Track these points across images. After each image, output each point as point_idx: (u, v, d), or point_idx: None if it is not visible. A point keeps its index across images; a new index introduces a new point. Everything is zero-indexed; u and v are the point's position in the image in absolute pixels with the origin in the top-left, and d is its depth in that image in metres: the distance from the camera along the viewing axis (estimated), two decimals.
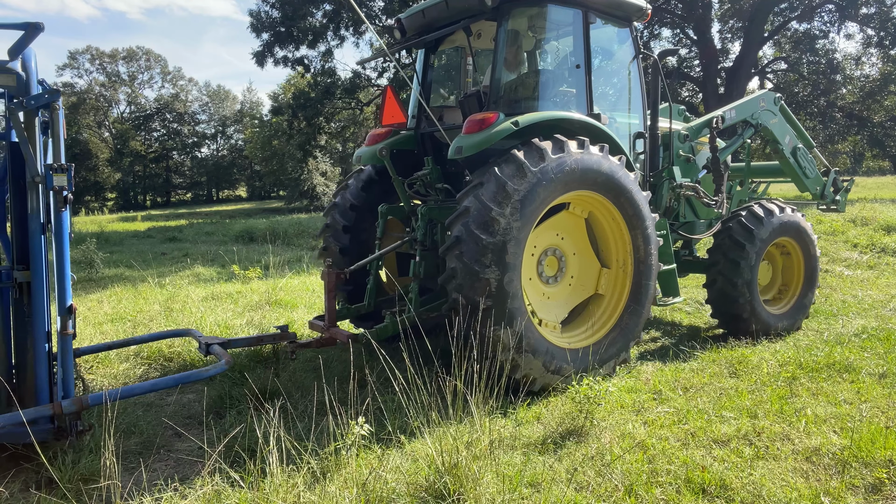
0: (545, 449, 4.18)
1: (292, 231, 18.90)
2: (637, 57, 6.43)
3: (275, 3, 30.03)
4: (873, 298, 8.72)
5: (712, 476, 3.72)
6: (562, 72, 6.25)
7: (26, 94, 3.92)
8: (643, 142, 6.47)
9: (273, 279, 10.92)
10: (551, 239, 5.69)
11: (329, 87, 31.70)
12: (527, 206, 5.00)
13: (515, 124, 5.26)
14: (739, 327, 6.75)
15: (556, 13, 5.93)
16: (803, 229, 7.10)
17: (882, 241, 12.90)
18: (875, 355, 5.97)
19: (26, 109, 3.89)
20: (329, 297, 5.74)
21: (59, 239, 3.98)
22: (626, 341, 5.72)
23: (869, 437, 4.11)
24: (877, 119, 29.98)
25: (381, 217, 6.32)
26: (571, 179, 5.24)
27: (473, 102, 5.87)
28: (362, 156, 6.53)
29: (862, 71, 30.47)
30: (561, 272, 5.74)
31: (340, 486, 3.45)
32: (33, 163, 3.89)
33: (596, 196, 5.51)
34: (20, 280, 4.00)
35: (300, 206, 43.83)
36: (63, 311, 3.97)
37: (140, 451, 4.28)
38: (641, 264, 5.77)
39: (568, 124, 5.59)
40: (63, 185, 3.83)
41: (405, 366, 4.15)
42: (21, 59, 3.97)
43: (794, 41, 30.10)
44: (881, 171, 49.34)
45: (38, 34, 3.86)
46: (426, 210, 5.82)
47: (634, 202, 5.64)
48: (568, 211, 5.71)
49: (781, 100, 8.14)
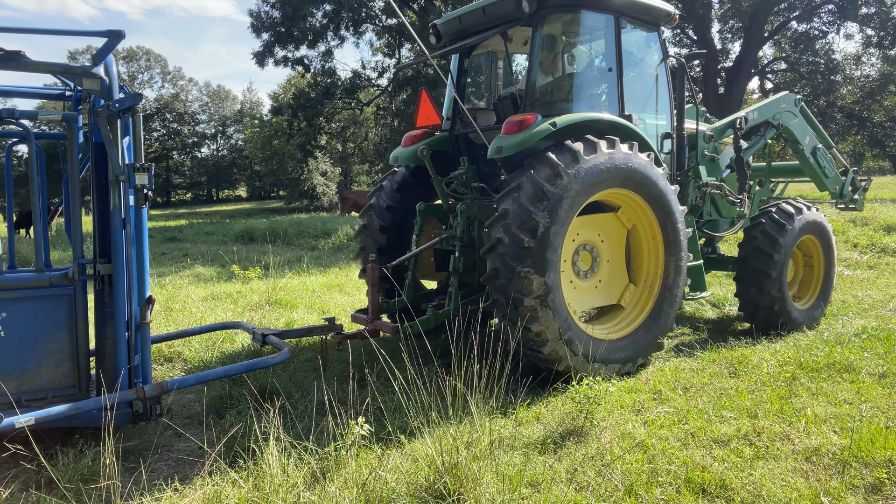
0: (545, 449, 4.18)
1: (292, 231, 18.90)
2: (664, 60, 6.62)
3: (275, 4, 30.06)
4: (873, 298, 8.72)
5: (712, 476, 3.72)
6: (595, 75, 6.41)
7: (109, 97, 4.12)
8: (670, 142, 6.69)
9: (273, 279, 10.92)
10: (592, 236, 5.89)
11: (329, 87, 31.75)
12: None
13: (553, 125, 5.45)
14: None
15: (590, 19, 6.12)
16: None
17: (882, 241, 12.91)
18: (875, 355, 5.97)
19: (111, 112, 4.08)
20: (373, 290, 5.97)
21: (138, 234, 4.24)
22: (636, 353, 5.81)
23: (869, 437, 4.10)
24: (877, 119, 30.01)
25: (419, 215, 6.61)
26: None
27: (508, 104, 6.15)
28: (399, 156, 6.74)
29: (862, 71, 30.51)
30: (592, 271, 5.89)
31: (340, 486, 3.45)
32: (117, 162, 4.09)
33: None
34: (102, 272, 4.19)
35: (300, 206, 43.85)
36: (142, 301, 4.25)
37: (140, 451, 4.28)
38: (667, 290, 5.96)
39: (602, 125, 5.79)
40: (144, 184, 4.06)
41: (405, 366, 4.15)
42: (104, 64, 4.20)
43: (794, 41, 30.11)
44: (881, 171, 49.34)
45: (120, 41, 4.09)
46: (465, 208, 6.06)
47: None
48: (616, 215, 5.93)
49: (801, 101, 8.31)
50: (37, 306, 4.14)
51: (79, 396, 4.24)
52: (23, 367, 4.11)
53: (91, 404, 3.96)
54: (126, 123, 4.27)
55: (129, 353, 4.27)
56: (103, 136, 4.08)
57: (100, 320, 4.33)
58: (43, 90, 5.09)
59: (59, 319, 4.20)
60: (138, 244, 4.24)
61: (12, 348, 4.06)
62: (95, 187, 4.27)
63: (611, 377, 5.50)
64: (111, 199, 4.15)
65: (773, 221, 7.00)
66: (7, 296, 4.05)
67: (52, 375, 4.20)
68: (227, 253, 14.74)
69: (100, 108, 4.08)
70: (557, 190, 5.16)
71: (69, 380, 4.27)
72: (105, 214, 4.22)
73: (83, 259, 4.25)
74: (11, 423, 3.61)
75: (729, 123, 7.61)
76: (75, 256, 4.23)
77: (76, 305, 4.26)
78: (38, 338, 4.15)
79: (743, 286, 7.12)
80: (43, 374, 4.17)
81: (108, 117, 4.09)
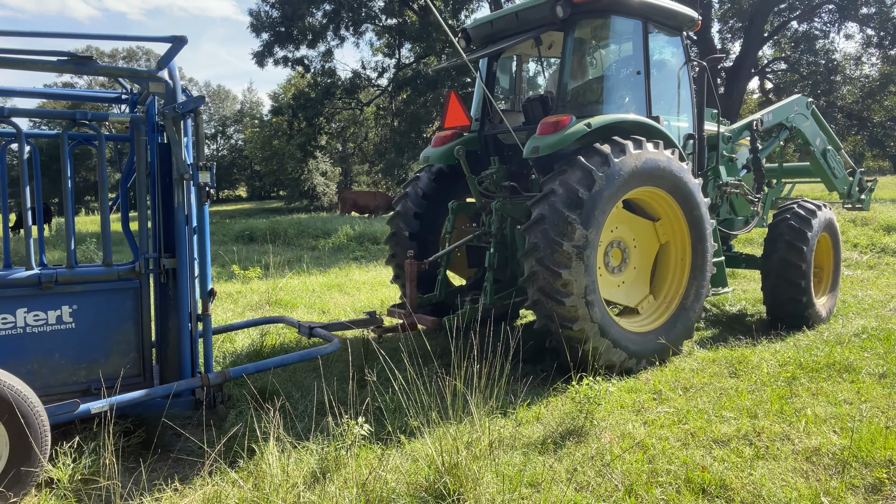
0: (545, 449, 4.17)
1: (292, 231, 18.89)
2: (687, 63, 6.87)
3: (275, 3, 30.06)
4: (873, 298, 8.72)
5: (712, 476, 3.72)
6: (623, 77, 6.55)
7: (174, 100, 4.31)
8: (692, 143, 6.89)
9: (273, 279, 10.92)
10: (627, 237, 6.12)
11: (329, 87, 31.75)
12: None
13: (588, 126, 5.65)
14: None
15: (619, 23, 6.32)
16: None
17: (882, 241, 12.92)
18: (875, 355, 5.97)
19: (176, 114, 4.25)
20: (411, 286, 6.20)
21: (201, 229, 4.44)
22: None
23: (869, 437, 4.10)
24: (877, 119, 30.01)
25: (451, 213, 6.82)
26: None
27: (537, 105, 6.39)
28: (430, 156, 6.96)
29: (862, 71, 30.50)
30: (619, 270, 6.11)
31: (340, 486, 3.45)
32: (182, 162, 4.26)
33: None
34: (167, 267, 4.38)
35: (300, 206, 43.80)
36: (204, 294, 4.50)
37: (140, 451, 4.28)
38: (683, 309, 6.16)
39: (634, 126, 6.01)
40: (206, 182, 4.27)
41: (405, 366, 4.15)
42: (167, 69, 4.38)
43: (794, 41, 30.11)
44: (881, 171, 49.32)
45: (183, 46, 4.28)
46: (500, 206, 6.19)
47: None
48: (655, 225, 6.20)
49: (813, 104, 8.58)
50: (105, 299, 4.32)
51: (143, 385, 4.42)
52: (92, 356, 4.29)
53: (160, 391, 4.16)
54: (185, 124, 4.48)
55: (192, 343, 4.46)
56: (169, 137, 4.27)
57: (162, 312, 4.53)
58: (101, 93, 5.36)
59: (126, 311, 4.40)
60: (200, 239, 4.46)
61: (83, 339, 4.24)
62: (159, 186, 4.45)
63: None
64: (175, 196, 4.33)
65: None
66: (78, 289, 4.21)
67: (119, 365, 4.38)
68: (227, 253, 14.74)
69: (166, 110, 4.26)
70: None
71: (134, 369, 4.46)
72: (169, 211, 4.41)
73: (149, 254, 4.45)
74: (88, 408, 3.78)
75: (745, 125, 7.87)
76: (141, 251, 4.44)
77: (141, 298, 4.44)
78: (107, 329, 4.34)
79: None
80: (110, 363, 4.35)
81: (173, 119, 4.27)
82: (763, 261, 7.40)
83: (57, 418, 3.71)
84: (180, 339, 4.42)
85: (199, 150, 4.33)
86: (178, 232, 4.35)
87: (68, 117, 4.22)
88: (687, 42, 6.89)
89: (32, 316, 4.06)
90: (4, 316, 3.97)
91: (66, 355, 4.19)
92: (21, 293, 4.02)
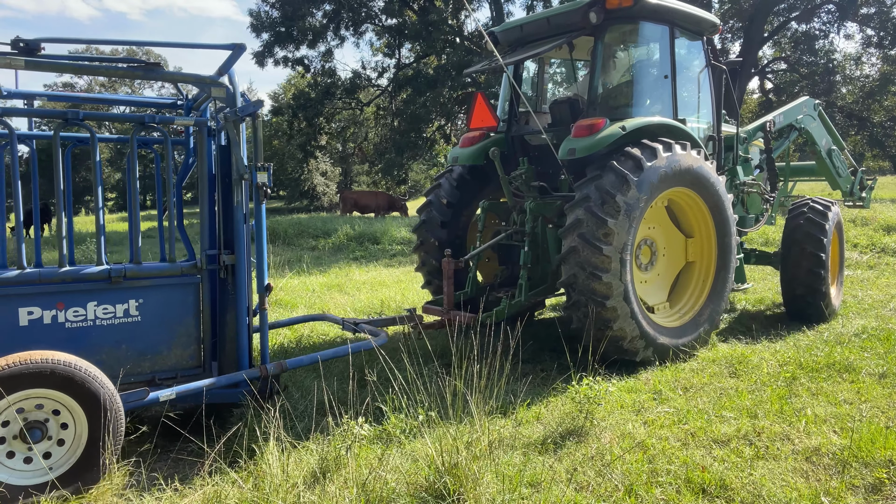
0: (545, 449, 4.17)
1: (292, 231, 18.88)
2: (707, 66, 7.04)
3: (275, 3, 30.01)
4: (873, 298, 8.71)
5: (712, 476, 3.72)
6: (651, 81, 6.75)
7: (233, 104, 4.52)
8: (711, 143, 7.10)
9: (273, 279, 10.92)
10: (659, 240, 6.42)
11: (329, 87, 31.69)
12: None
13: (623, 129, 5.84)
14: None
15: (648, 29, 6.55)
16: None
17: (882, 241, 12.92)
18: (875, 355, 5.97)
19: (237, 118, 4.45)
20: (448, 283, 6.37)
21: (258, 227, 4.63)
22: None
23: (869, 437, 4.10)
24: (877, 119, 29.98)
25: (482, 212, 7.03)
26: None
27: (565, 108, 6.59)
28: (459, 156, 7.09)
29: (862, 71, 30.47)
30: (646, 270, 6.33)
31: (340, 486, 3.45)
32: (242, 162, 4.49)
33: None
34: (227, 263, 4.59)
35: (300, 206, 43.80)
36: (261, 288, 4.69)
37: (140, 451, 4.27)
38: (696, 322, 6.37)
39: (664, 129, 6.22)
40: (264, 182, 4.47)
41: (405, 366, 4.15)
42: (227, 75, 4.58)
43: (794, 41, 30.09)
44: (881, 171, 49.31)
45: (242, 53, 4.52)
46: (534, 206, 6.37)
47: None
48: (687, 242, 6.51)
49: (820, 106, 8.93)
50: (169, 294, 4.53)
51: (202, 376, 4.60)
52: (156, 348, 4.49)
53: (224, 381, 4.38)
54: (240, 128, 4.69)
55: (250, 335, 4.68)
56: (230, 139, 4.49)
57: (221, 306, 4.72)
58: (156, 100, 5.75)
59: (188, 305, 4.59)
60: (258, 236, 4.64)
61: (148, 332, 4.44)
62: (220, 186, 4.67)
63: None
64: (234, 195, 4.53)
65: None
66: (144, 283, 4.42)
67: (181, 356, 4.58)
68: None
69: (228, 113, 4.46)
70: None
71: (195, 360, 4.66)
72: (228, 210, 4.62)
73: (209, 250, 4.68)
74: (157, 396, 3.99)
75: (759, 126, 8.16)
76: (202, 248, 4.68)
77: (202, 293, 4.64)
78: (170, 322, 4.53)
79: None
80: (173, 355, 4.56)
81: (234, 122, 4.47)
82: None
83: (128, 405, 3.92)
84: (238, 332, 4.62)
85: (258, 152, 4.50)
86: (236, 230, 4.55)
87: (138, 120, 4.38)
88: (707, 46, 7.09)
89: (102, 309, 4.26)
90: (76, 309, 4.17)
91: (133, 347, 4.40)
92: (92, 287, 4.22)
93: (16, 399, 3.46)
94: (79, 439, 3.62)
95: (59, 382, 3.50)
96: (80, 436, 3.62)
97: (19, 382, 3.42)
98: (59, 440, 3.63)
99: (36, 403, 3.55)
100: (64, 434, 3.64)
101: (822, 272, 7.35)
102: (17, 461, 3.54)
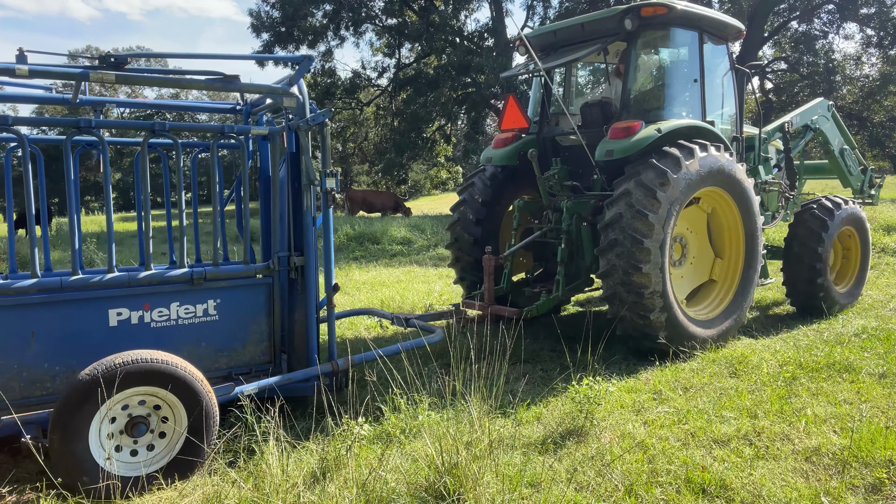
0: (545, 449, 4.17)
1: None
2: (731, 70, 7.32)
3: (275, 3, 30.03)
4: (873, 298, 8.71)
5: (712, 476, 3.72)
6: (681, 84, 6.96)
7: (303, 113, 4.74)
8: (735, 144, 7.35)
9: None
10: (692, 243, 6.69)
11: (329, 87, 31.69)
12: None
13: (658, 131, 6.10)
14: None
15: (679, 34, 6.79)
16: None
17: (882, 241, 12.92)
18: (875, 355, 5.97)
19: (307, 126, 4.62)
20: (489, 279, 6.58)
21: (326, 230, 4.94)
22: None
23: (869, 437, 4.10)
24: (877, 119, 29.96)
25: (517, 210, 7.21)
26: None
27: (597, 110, 6.80)
28: (493, 157, 7.29)
29: (862, 71, 30.47)
30: (676, 266, 6.55)
31: (340, 486, 3.45)
32: (311, 169, 4.68)
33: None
34: (297, 264, 4.85)
35: None
36: (329, 288, 4.93)
37: None
38: (721, 321, 6.61)
39: (693, 130, 6.44)
40: (332, 187, 4.69)
41: (405, 366, 4.15)
42: (297, 85, 4.79)
43: (794, 41, 30.08)
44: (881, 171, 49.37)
45: (311, 64, 4.81)
46: (571, 204, 6.58)
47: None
48: (717, 261, 6.79)
49: (833, 107, 9.24)
50: (244, 293, 4.76)
51: (274, 371, 4.81)
52: (232, 345, 4.71)
53: (300, 375, 4.63)
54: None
55: (318, 332, 4.95)
56: (301, 147, 4.72)
57: (290, 305, 4.93)
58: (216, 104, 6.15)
59: (261, 304, 4.81)
60: (326, 239, 4.93)
61: (225, 330, 4.65)
62: (290, 191, 4.88)
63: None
64: (303, 200, 4.77)
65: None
66: (222, 284, 4.64)
67: (254, 353, 4.81)
68: (228, 253, 14.69)
69: (300, 122, 4.65)
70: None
71: (267, 357, 4.87)
72: (298, 214, 4.86)
73: (282, 252, 4.87)
74: (241, 390, 4.20)
75: (777, 127, 8.41)
76: (274, 250, 4.88)
77: (274, 293, 4.83)
78: (245, 320, 4.75)
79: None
80: (247, 351, 4.78)
81: (305, 131, 4.66)
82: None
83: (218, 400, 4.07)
84: (308, 329, 4.87)
85: (326, 158, 4.70)
86: (305, 232, 4.80)
87: (217, 130, 4.64)
88: (731, 51, 7.33)
89: (184, 309, 4.48)
90: (161, 310, 4.39)
91: (212, 344, 4.61)
92: (175, 289, 4.44)
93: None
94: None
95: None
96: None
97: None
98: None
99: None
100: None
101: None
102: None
